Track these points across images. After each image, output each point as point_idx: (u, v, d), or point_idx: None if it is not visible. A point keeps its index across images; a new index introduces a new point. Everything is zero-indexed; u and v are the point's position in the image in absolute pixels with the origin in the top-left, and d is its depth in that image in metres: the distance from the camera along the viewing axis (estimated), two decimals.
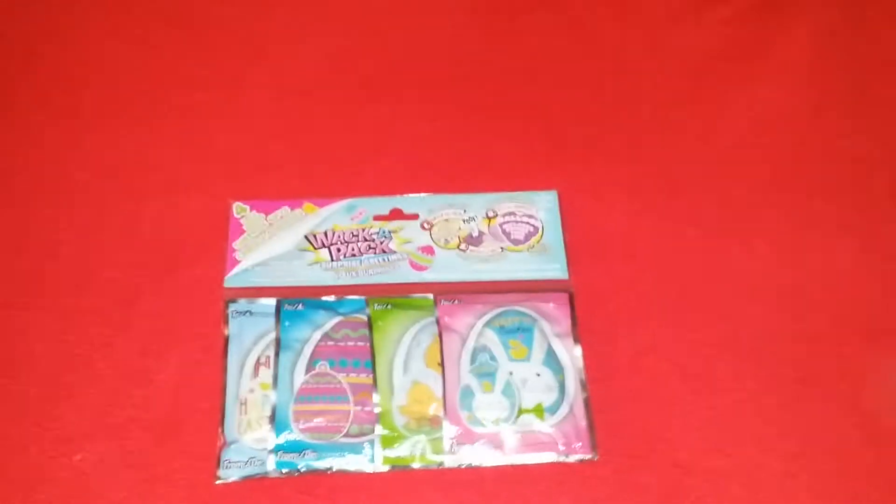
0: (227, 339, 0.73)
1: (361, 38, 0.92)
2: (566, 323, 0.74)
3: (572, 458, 0.69)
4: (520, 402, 0.70)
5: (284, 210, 0.79)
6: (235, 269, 0.76)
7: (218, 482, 0.67)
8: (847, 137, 0.87)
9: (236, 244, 0.77)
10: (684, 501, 0.68)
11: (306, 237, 0.78)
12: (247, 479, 0.68)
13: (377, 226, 0.78)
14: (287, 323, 0.73)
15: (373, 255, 0.77)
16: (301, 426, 0.69)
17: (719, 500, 0.68)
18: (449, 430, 0.69)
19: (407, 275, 0.76)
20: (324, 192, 0.80)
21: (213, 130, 0.85)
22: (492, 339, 0.73)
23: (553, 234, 0.78)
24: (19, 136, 0.84)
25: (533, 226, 0.79)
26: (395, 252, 0.77)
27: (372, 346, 0.72)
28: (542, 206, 0.80)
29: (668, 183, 0.83)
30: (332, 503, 0.67)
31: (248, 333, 0.73)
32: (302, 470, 0.68)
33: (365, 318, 0.74)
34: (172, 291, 0.76)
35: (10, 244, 0.78)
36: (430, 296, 0.75)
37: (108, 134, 0.85)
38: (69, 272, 0.77)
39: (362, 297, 0.75)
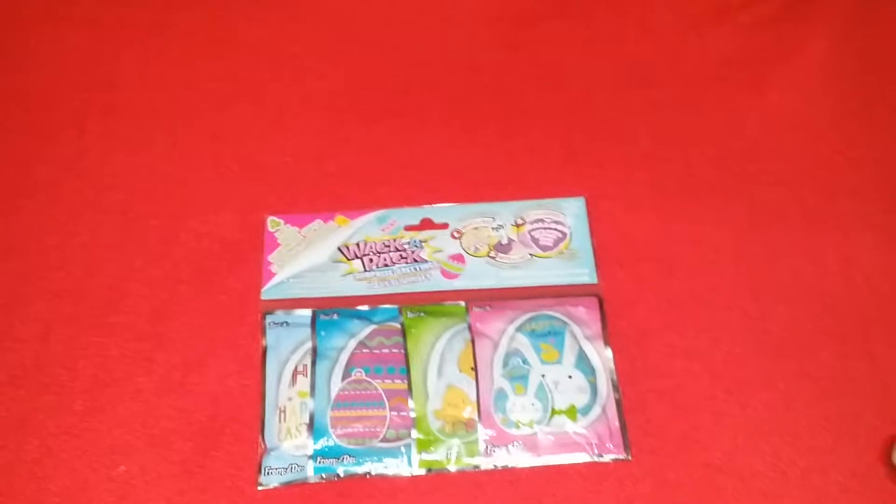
0: (264, 350, 0.75)
1: (387, 52, 0.94)
2: (596, 326, 0.75)
3: (606, 458, 0.70)
4: (552, 403, 0.71)
5: (317, 223, 0.81)
6: (272, 282, 0.78)
7: (260, 488, 0.69)
8: (862, 137, 0.87)
9: (271, 257, 0.79)
10: (717, 500, 0.68)
11: (339, 249, 0.79)
12: (287, 485, 0.69)
13: (408, 236, 0.80)
14: (323, 332, 0.75)
15: (405, 264, 0.79)
16: (339, 432, 0.70)
17: (752, 498, 0.68)
18: (483, 433, 0.70)
19: (438, 283, 0.78)
20: (355, 205, 0.82)
21: (245, 147, 0.87)
22: (523, 343, 0.74)
23: (581, 240, 0.80)
24: (56, 158, 0.87)
25: (561, 232, 0.80)
26: (426, 261, 0.79)
27: (406, 353, 0.74)
28: (569, 213, 0.81)
29: (693, 187, 0.84)
30: None
31: (286, 343, 0.75)
32: (341, 475, 0.69)
33: (399, 325, 0.75)
34: (210, 305, 0.78)
35: (51, 262, 0.80)
36: (462, 303, 0.77)
37: (143, 154, 0.87)
38: (108, 289, 0.79)
39: (395, 306, 0.77)
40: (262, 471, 0.69)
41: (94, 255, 0.81)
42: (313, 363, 0.73)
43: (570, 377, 0.72)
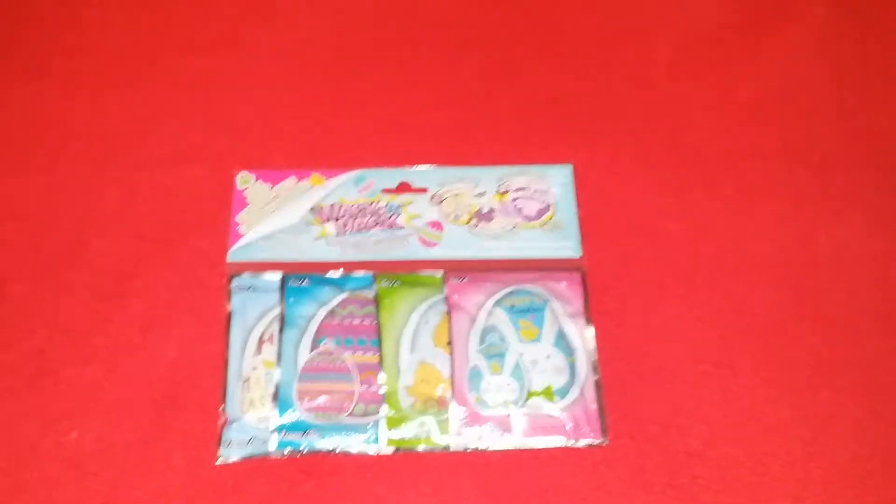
0: (229, 315, 0.71)
1: (371, 5, 0.89)
2: (578, 303, 0.72)
3: (581, 443, 0.67)
4: (529, 384, 0.68)
5: (291, 181, 0.76)
6: (239, 243, 0.74)
7: (218, 462, 0.66)
8: (860, 111, 0.84)
9: (239, 217, 0.75)
10: (693, 489, 0.66)
11: (312, 210, 0.75)
12: (248, 459, 0.66)
13: (385, 199, 0.76)
14: (291, 299, 0.71)
15: (380, 230, 0.75)
16: (305, 405, 0.67)
17: (729, 488, 0.66)
18: (456, 412, 0.68)
19: (415, 251, 0.74)
20: (332, 163, 0.78)
21: (217, 97, 0.83)
22: (502, 318, 0.71)
23: (566, 211, 0.76)
24: (13, 100, 0.82)
25: (546, 202, 0.76)
26: (403, 227, 0.75)
27: (378, 325, 0.70)
28: (555, 181, 0.77)
29: (684, 157, 0.81)
30: (336, 485, 0.66)
31: (252, 309, 0.71)
32: (305, 450, 0.66)
33: (372, 295, 0.72)
34: (173, 265, 0.74)
35: (4, 212, 0.76)
36: (439, 273, 0.73)
37: (106, 99, 0.82)
38: (64, 243, 0.75)
39: (369, 274, 0.73)
40: (223, 443, 0.66)
41: (51, 206, 0.77)
42: (280, 331, 0.70)
43: (548, 357, 0.69)
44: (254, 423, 0.67)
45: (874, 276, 0.75)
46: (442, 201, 0.76)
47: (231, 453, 0.66)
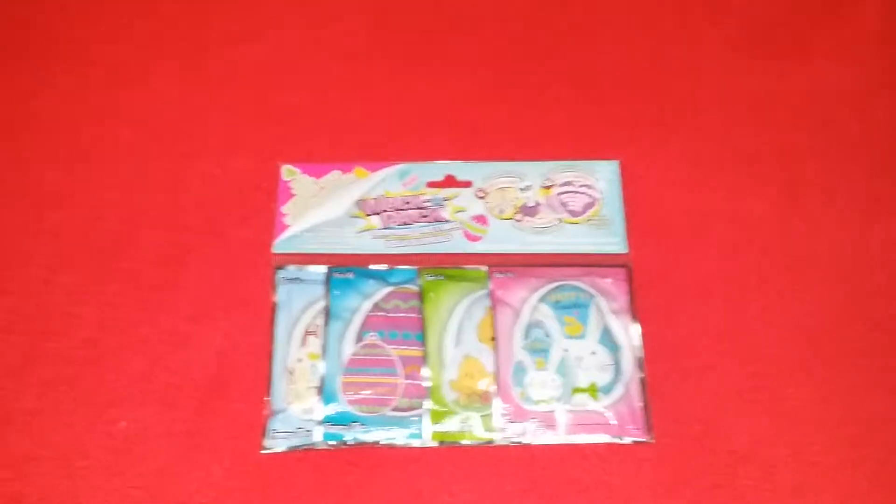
0: (275, 307, 0.71)
1: (416, 0, 0.89)
2: (624, 299, 0.72)
3: (626, 440, 0.67)
4: (574, 380, 0.68)
5: (335, 174, 0.77)
6: (284, 234, 0.74)
7: (264, 452, 0.66)
8: None
9: (285, 208, 0.75)
10: (739, 489, 0.66)
11: (357, 203, 0.75)
12: (293, 451, 0.66)
13: (430, 193, 0.76)
14: (337, 292, 0.71)
15: (425, 223, 0.75)
16: (349, 398, 0.67)
17: (775, 489, 0.66)
18: (500, 407, 0.67)
19: (460, 245, 0.74)
20: (375, 157, 0.78)
21: (263, 90, 0.83)
22: (546, 314, 0.70)
23: (613, 206, 0.75)
24: (63, 93, 0.83)
25: (592, 196, 0.76)
26: (448, 221, 0.75)
27: (423, 318, 0.70)
28: (601, 177, 0.77)
29: (732, 155, 0.80)
30: (380, 477, 0.66)
31: (297, 301, 0.71)
32: (349, 442, 0.67)
33: (416, 288, 0.72)
34: (219, 255, 0.74)
35: (54, 202, 0.77)
36: (484, 268, 0.73)
37: (154, 91, 0.83)
38: (113, 233, 0.75)
39: (414, 268, 0.73)
40: (268, 434, 0.67)
41: (98, 196, 0.77)
42: (326, 324, 0.70)
43: (593, 353, 0.69)
44: (298, 414, 0.67)
45: None
46: (487, 195, 0.76)
47: (276, 444, 0.66)
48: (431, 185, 0.76)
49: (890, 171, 0.79)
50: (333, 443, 0.67)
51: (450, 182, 0.77)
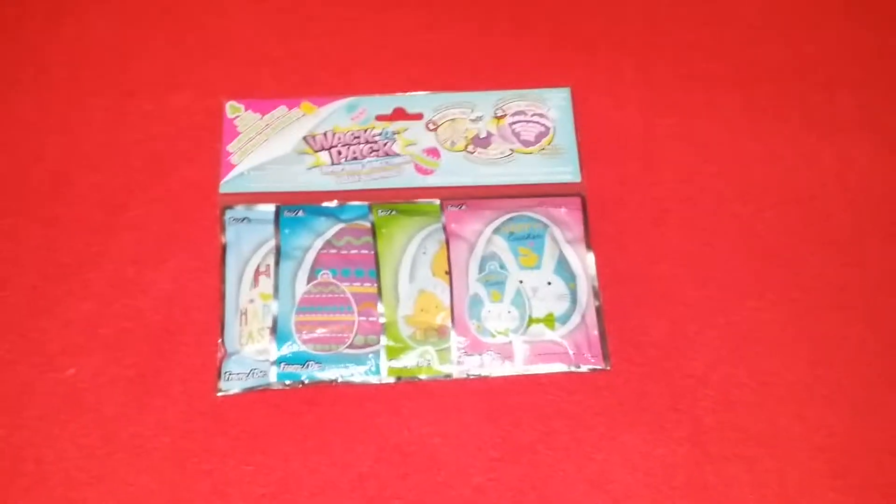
0: (224, 248, 0.70)
1: None
2: (578, 229, 0.71)
3: (584, 368, 0.67)
4: (530, 311, 0.68)
5: (281, 110, 0.74)
6: (231, 174, 0.72)
7: (219, 394, 0.66)
8: (866, 29, 0.82)
9: (231, 146, 0.73)
10: (696, 411, 0.66)
11: (305, 139, 0.74)
12: (249, 392, 0.66)
13: (380, 126, 0.74)
14: (287, 230, 0.70)
15: (376, 158, 0.73)
16: (304, 337, 0.67)
17: (731, 409, 0.66)
18: (457, 341, 0.67)
19: (412, 179, 0.73)
20: (322, 91, 0.76)
21: (204, 23, 0.80)
22: (501, 246, 0.70)
23: (565, 135, 0.74)
24: None
25: (544, 126, 0.75)
26: (399, 155, 0.73)
27: (376, 255, 0.69)
28: (553, 105, 0.75)
29: (686, 78, 0.79)
30: (338, 415, 0.66)
31: (247, 241, 0.70)
32: (305, 382, 0.66)
33: (368, 224, 0.71)
34: (164, 197, 0.72)
35: None
36: (437, 201, 0.72)
37: (90, 25, 0.80)
38: (52, 175, 0.73)
39: (366, 203, 0.72)
40: (222, 376, 0.66)
41: (36, 137, 0.75)
42: (277, 263, 0.69)
43: (549, 283, 0.69)
44: (253, 355, 0.67)
45: (879, 195, 0.74)
46: (437, 127, 0.74)
47: (231, 386, 0.66)
48: (381, 118, 0.75)
49: (842, 90, 0.79)
50: (289, 382, 0.66)
51: (399, 115, 0.75)
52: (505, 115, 0.75)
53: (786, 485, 0.64)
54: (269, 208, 0.71)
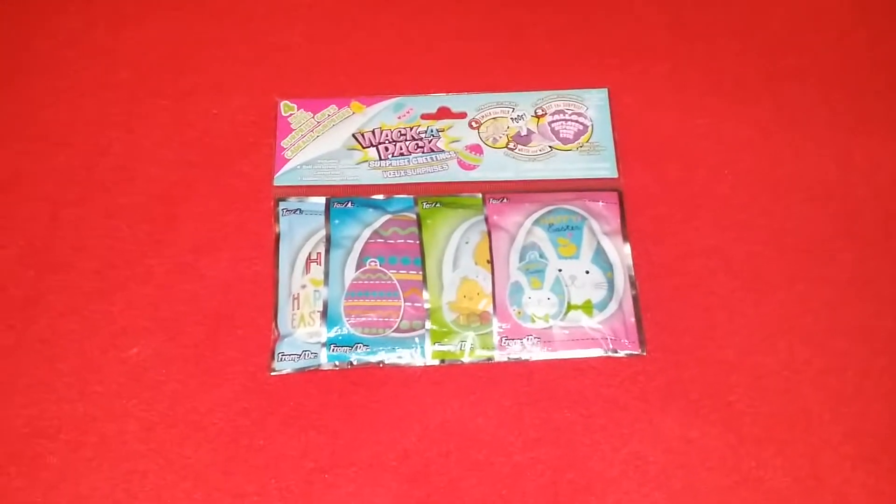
0: (277, 237, 0.73)
1: None
2: (616, 222, 0.74)
3: (620, 354, 0.70)
4: (568, 298, 0.70)
5: (332, 109, 0.78)
6: (284, 168, 0.76)
7: (272, 374, 0.69)
8: (892, 33, 0.84)
9: (284, 142, 0.77)
10: (729, 396, 0.69)
11: (354, 136, 0.77)
12: (300, 372, 0.69)
13: (425, 124, 0.78)
14: (337, 221, 0.73)
15: (421, 154, 0.77)
16: (352, 321, 0.70)
17: (763, 395, 0.69)
18: (498, 326, 0.70)
19: (455, 174, 0.76)
20: (371, 91, 0.80)
21: (259, 28, 0.84)
22: (541, 236, 0.73)
23: (603, 133, 0.77)
24: (60, 31, 0.84)
25: (582, 124, 0.78)
26: (443, 151, 0.77)
27: (421, 244, 0.72)
28: (591, 104, 0.79)
29: (719, 81, 0.81)
30: (384, 395, 0.69)
31: (299, 231, 0.73)
32: (354, 363, 0.69)
33: (414, 216, 0.74)
34: (222, 189, 0.76)
35: (58, 140, 0.78)
36: (479, 195, 0.75)
37: (151, 29, 0.84)
38: (118, 169, 0.77)
39: (411, 197, 0.75)
40: (276, 357, 0.69)
41: (101, 134, 0.79)
42: (327, 251, 0.72)
43: (587, 272, 0.71)
44: (304, 338, 0.70)
45: None
46: (480, 125, 0.78)
47: (284, 366, 0.69)
48: (426, 117, 0.78)
49: (870, 90, 0.81)
50: (338, 363, 0.69)
51: (444, 114, 0.79)
52: (545, 114, 0.78)
53: (818, 467, 0.66)
54: (320, 200, 0.75)
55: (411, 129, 0.77)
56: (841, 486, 0.66)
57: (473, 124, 0.78)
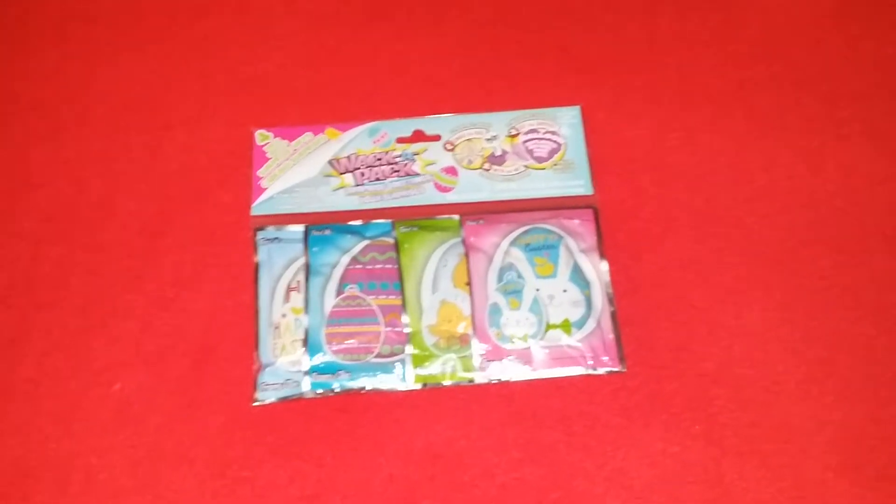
0: (257, 266, 0.74)
1: None
2: (592, 239, 0.74)
3: (600, 371, 0.70)
4: (547, 317, 0.71)
5: (307, 136, 0.79)
6: (262, 197, 0.76)
7: (255, 404, 0.69)
8: (865, 39, 0.85)
9: (261, 171, 0.77)
10: (710, 409, 0.69)
11: (330, 163, 0.78)
12: (283, 401, 0.69)
13: (400, 148, 0.78)
14: (315, 248, 0.74)
15: (397, 178, 0.77)
16: (334, 348, 0.70)
17: (744, 407, 0.69)
18: (478, 348, 0.70)
19: (432, 196, 0.76)
20: (345, 117, 0.80)
21: (231, 59, 0.85)
22: (518, 257, 0.73)
23: (577, 151, 0.78)
24: (35, 71, 0.84)
25: (556, 142, 0.78)
26: (419, 174, 0.77)
27: (400, 268, 0.73)
28: (564, 122, 0.79)
29: (690, 94, 0.82)
30: (368, 421, 0.69)
31: (278, 260, 0.74)
32: (336, 390, 0.69)
33: (392, 240, 0.74)
34: (199, 221, 0.77)
35: (35, 180, 0.79)
36: (456, 217, 0.76)
37: (125, 65, 0.84)
38: (97, 206, 0.78)
39: (389, 221, 0.76)
40: (258, 387, 0.70)
41: (80, 170, 0.79)
42: (306, 279, 0.73)
43: (564, 291, 0.72)
44: (286, 366, 0.70)
45: (881, 200, 0.77)
46: (455, 147, 0.78)
47: (267, 396, 0.69)
48: (401, 140, 0.79)
49: (843, 99, 0.81)
50: (321, 391, 0.69)
51: (418, 137, 0.79)
52: (518, 134, 0.79)
53: (801, 478, 0.67)
54: (298, 228, 0.75)
55: (387, 153, 0.78)
56: (825, 496, 0.66)
57: (448, 146, 0.78)
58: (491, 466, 0.68)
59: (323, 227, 0.75)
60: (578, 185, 0.77)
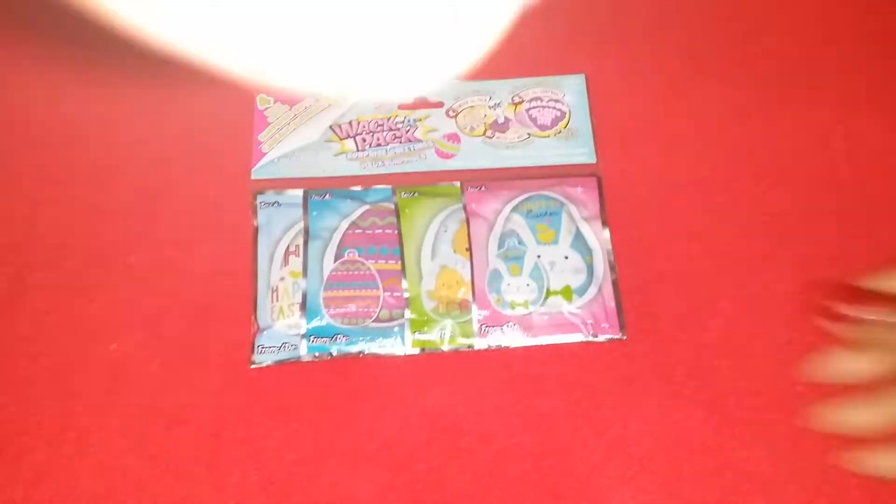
0: (256, 230, 0.73)
1: None
2: (594, 207, 0.74)
3: (601, 338, 0.69)
4: (548, 284, 0.70)
5: (308, 100, 0.78)
6: (262, 161, 0.76)
7: (253, 366, 0.69)
8: (877, 13, 0.84)
9: (261, 136, 0.77)
10: (712, 377, 0.68)
11: (331, 128, 0.77)
12: (280, 364, 0.69)
13: (402, 115, 0.78)
14: (315, 213, 0.73)
15: (398, 144, 0.76)
16: (332, 312, 0.70)
17: (746, 376, 0.68)
18: (478, 314, 0.70)
19: (433, 163, 0.76)
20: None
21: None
22: (519, 223, 0.72)
23: (580, 119, 0.77)
24: (38, 26, 0.84)
25: (560, 110, 0.78)
26: (420, 141, 0.77)
27: (400, 234, 0.72)
28: (569, 90, 0.78)
29: (696, 64, 0.81)
30: (365, 385, 0.69)
31: (277, 224, 0.73)
32: (334, 354, 0.69)
33: (392, 206, 0.74)
34: (199, 184, 0.76)
35: (35, 139, 0.78)
36: (457, 183, 0.75)
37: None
38: (96, 166, 0.77)
39: (389, 187, 0.75)
40: (255, 349, 0.69)
41: (79, 130, 0.79)
42: (305, 243, 0.72)
43: (566, 258, 0.71)
44: (284, 330, 0.70)
45: (890, 172, 0.76)
46: (458, 114, 0.78)
47: (264, 359, 0.69)
48: (403, 107, 0.78)
49: (852, 71, 0.81)
50: (318, 354, 0.69)
51: (421, 103, 0.78)
52: (522, 102, 0.78)
53: (802, 448, 0.66)
54: (298, 193, 0.75)
55: (388, 119, 0.77)
56: (826, 468, 0.65)
57: (451, 113, 0.78)
58: (489, 432, 0.67)
59: (323, 191, 0.75)
60: (582, 153, 0.76)
